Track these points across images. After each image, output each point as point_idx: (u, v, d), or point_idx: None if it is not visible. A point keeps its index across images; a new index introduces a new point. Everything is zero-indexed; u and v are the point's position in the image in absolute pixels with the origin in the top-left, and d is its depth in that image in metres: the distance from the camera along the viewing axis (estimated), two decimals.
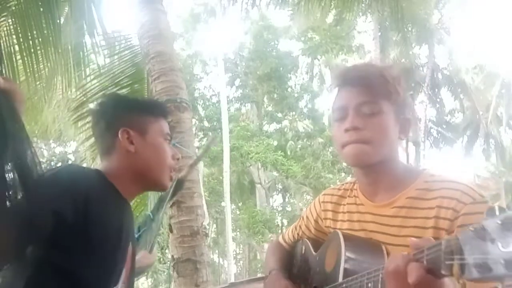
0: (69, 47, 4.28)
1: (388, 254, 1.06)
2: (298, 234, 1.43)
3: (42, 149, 16.46)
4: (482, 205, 0.99)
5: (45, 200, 0.97)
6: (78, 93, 4.73)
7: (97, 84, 4.65)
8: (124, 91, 4.40)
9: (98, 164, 1.42)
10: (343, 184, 1.32)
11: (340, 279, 1.05)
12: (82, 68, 4.51)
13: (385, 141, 1.10)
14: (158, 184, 1.28)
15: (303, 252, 1.38)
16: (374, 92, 1.10)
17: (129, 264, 1.21)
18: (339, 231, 1.16)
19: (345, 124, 1.11)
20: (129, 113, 1.28)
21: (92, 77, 4.69)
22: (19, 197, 0.90)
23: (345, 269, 1.05)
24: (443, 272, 0.71)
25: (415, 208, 1.07)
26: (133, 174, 1.23)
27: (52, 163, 13.53)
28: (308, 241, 1.37)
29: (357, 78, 1.12)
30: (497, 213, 0.62)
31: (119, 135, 1.23)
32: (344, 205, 1.26)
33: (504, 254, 0.59)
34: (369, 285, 0.95)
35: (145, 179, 1.26)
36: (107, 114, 1.28)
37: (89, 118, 1.43)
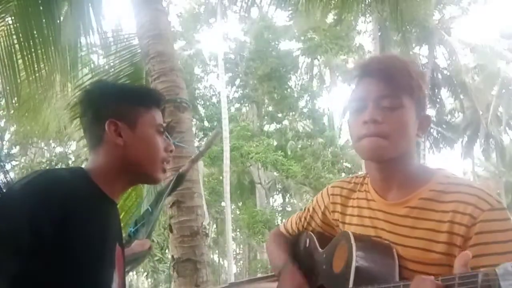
0: (67, 47, 4.29)
1: (398, 257, 1.04)
2: (303, 226, 1.39)
3: (43, 149, 16.47)
4: (500, 211, 0.97)
5: (19, 218, 0.91)
6: (77, 91, 4.73)
7: None
8: None
9: None
10: (353, 177, 1.28)
11: (351, 283, 1.01)
12: (80, 68, 4.51)
13: (403, 137, 1.06)
14: (149, 178, 1.21)
15: (307, 245, 1.34)
16: (397, 86, 1.06)
17: (120, 265, 1.17)
18: (349, 232, 1.12)
19: (363, 116, 1.06)
20: (117, 102, 1.17)
21: (90, 76, 4.69)
22: None
23: (356, 274, 1.02)
24: None
25: (428, 210, 1.04)
26: (121, 169, 1.15)
27: (53, 163, 13.54)
28: (313, 234, 1.34)
29: (381, 70, 1.08)
30: None
31: (106, 127, 1.14)
32: (354, 199, 1.23)
33: None
34: None
35: (135, 173, 1.18)
36: (94, 104, 1.18)
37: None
